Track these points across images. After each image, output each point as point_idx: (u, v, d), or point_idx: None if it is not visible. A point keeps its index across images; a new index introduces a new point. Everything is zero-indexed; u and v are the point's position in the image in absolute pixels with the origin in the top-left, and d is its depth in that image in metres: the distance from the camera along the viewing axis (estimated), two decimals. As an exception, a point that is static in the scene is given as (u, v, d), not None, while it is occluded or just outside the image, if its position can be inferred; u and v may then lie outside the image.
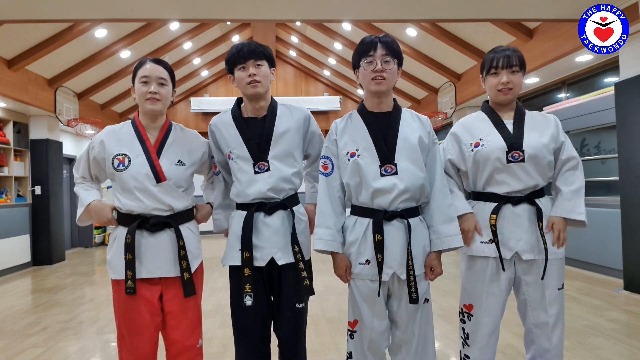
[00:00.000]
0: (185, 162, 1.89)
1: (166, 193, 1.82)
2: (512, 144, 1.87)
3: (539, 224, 1.86)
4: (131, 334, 1.80)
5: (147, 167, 1.81)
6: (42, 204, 7.22)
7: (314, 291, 1.84)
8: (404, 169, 1.74)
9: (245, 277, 1.81)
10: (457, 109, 8.01)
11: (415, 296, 1.73)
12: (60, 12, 4.25)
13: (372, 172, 1.74)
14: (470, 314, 1.96)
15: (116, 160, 1.83)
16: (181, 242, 1.82)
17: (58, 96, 7.00)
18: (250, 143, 1.86)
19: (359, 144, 1.78)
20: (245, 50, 1.84)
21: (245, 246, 1.81)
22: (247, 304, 1.79)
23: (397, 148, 1.76)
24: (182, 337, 1.85)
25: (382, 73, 1.73)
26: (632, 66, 4.47)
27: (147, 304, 1.80)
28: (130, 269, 1.77)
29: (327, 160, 1.84)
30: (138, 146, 1.84)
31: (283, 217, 1.87)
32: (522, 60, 1.91)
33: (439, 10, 4.48)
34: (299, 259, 1.83)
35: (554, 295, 1.88)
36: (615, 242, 4.77)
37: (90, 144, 1.92)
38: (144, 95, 1.83)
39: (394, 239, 1.73)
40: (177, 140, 1.92)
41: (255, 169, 1.85)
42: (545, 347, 1.89)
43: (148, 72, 1.84)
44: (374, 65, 1.74)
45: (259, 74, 1.84)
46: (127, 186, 1.80)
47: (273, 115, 1.91)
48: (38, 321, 3.98)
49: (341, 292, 4.69)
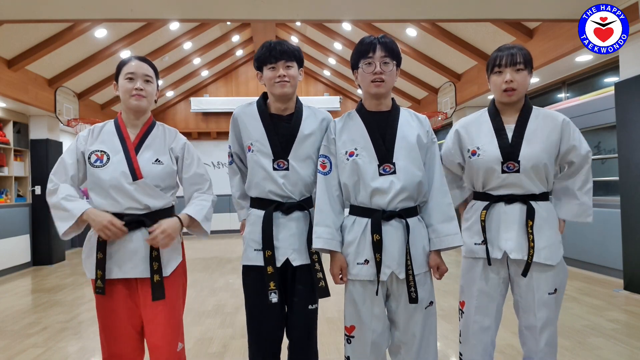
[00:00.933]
0: (163, 161, 1.85)
1: (142, 192, 1.77)
2: (507, 154, 1.84)
3: (529, 222, 1.84)
4: (108, 333, 1.79)
5: (125, 165, 1.78)
6: (42, 204, 7.20)
7: (330, 292, 1.83)
8: (402, 168, 1.74)
9: (269, 274, 1.80)
10: (457, 109, 8.01)
11: (414, 296, 1.72)
12: (60, 12, 4.25)
13: (370, 172, 1.74)
14: (462, 311, 1.98)
15: (94, 155, 1.80)
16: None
17: (58, 96, 7.00)
18: (274, 140, 1.85)
19: (357, 143, 1.78)
20: (277, 50, 1.83)
21: (266, 245, 1.81)
22: (273, 301, 1.78)
23: (396, 147, 1.75)
24: (161, 342, 1.78)
25: (382, 75, 1.73)
26: (632, 66, 4.47)
27: (124, 305, 1.77)
28: (100, 268, 1.73)
29: (326, 160, 1.83)
30: (118, 143, 1.82)
31: (299, 218, 1.87)
32: (528, 58, 1.86)
33: (439, 10, 4.48)
34: (315, 260, 1.83)
35: (543, 299, 1.84)
36: (615, 242, 4.77)
37: (72, 142, 1.87)
38: (129, 91, 1.81)
39: (393, 238, 1.72)
40: (157, 138, 1.89)
41: (274, 166, 1.85)
42: (533, 349, 1.89)
43: (134, 69, 1.82)
44: (373, 67, 1.74)
45: (288, 75, 1.84)
46: (102, 184, 1.77)
47: (299, 116, 1.90)
48: (38, 321, 3.98)
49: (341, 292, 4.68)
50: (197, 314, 4.04)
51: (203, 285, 5.19)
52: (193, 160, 1.94)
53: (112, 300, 1.78)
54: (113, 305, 1.77)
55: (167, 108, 11.64)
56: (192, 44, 8.59)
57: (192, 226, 1.88)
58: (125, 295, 1.78)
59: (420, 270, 1.77)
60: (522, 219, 1.85)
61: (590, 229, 5.25)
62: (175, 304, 1.85)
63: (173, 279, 1.83)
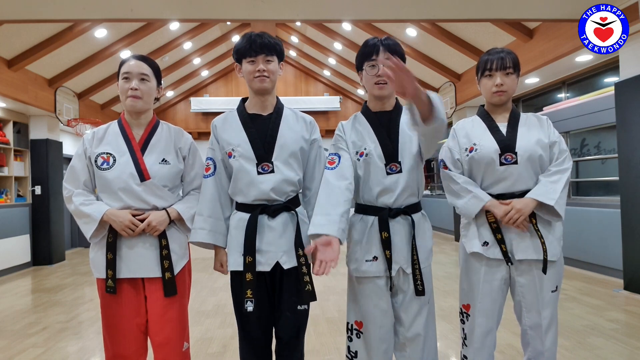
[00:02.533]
0: (169, 161, 1.85)
1: (150, 192, 1.79)
2: (505, 146, 1.88)
3: (532, 220, 1.85)
4: (112, 332, 1.79)
5: (132, 166, 1.77)
6: (42, 204, 7.22)
7: (316, 297, 1.80)
8: (407, 167, 1.78)
9: (248, 282, 1.75)
10: (457, 109, 8.01)
11: (421, 288, 1.78)
12: (60, 12, 4.25)
13: (378, 171, 1.78)
14: (468, 314, 1.97)
15: (100, 158, 1.79)
16: (164, 241, 1.79)
17: (58, 96, 7.00)
18: (256, 142, 1.81)
19: (366, 144, 1.81)
20: (257, 43, 1.77)
21: (248, 250, 1.76)
22: (249, 309, 1.74)
23: (400, 147, 1.80)
24: (166, 341, 1.80)
25: (385, 77, 1.74)
26: (632, 66, 4.46)
27: (130, 304, 1.79)
28: (110, 268, 1.75)
29: (335, 156, 1.82)
30: (123, 144, 1.81)
31: (287, 219, 1.83)
32: (516, 62, 1.93)
33: (439, 10, 4.48)
34: (302, 263, 1.78)
35: (547, 297, 1.87)
36: (615, 242, 4.77)
37: (79, 146, 1.86)
38: (125, 91, 1.79)
39: (400, 235, 1.78)
40: (162, 138, 1.87)
41: (259, 170, 1.80)
42: (539, 349, 1.90)
43: (130, 68, 1.80)
44: (377, 70, 1.76)
45: (268, 70, 1.80)
46: (110, 186, 1.77)
47: (279, 115, 1.88)
48: (38, 321, 3.98)
49: (341, 292, 4.69)
50: (197, 314, 4.04)
51: (203, 285, 5.19)
52: (196, 161, 1.96)
53: (119, 299, 1.79)
54: (119, 305, 1.79)
55: (167, 108, 11.65)
56: (192, 44, 8.59)
57: (178, 221, 1.88)
58: (132, 294, 1.80)
59: (426, 264, 1.83)
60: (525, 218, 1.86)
61: (590, 229, 5.25)
62: (181, 303, 1.88)
63: (181, 278, 1.86)
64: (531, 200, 1.83)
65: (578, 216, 5.32)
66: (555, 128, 1.99)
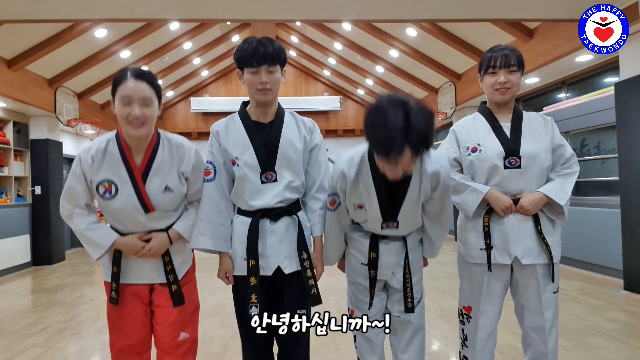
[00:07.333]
0: (172, 188, 1.76)
1: (154, 220, 1.77)
2: (509, 150, 1.86)
3: (537, 227, 1.86)
4: (119, 329, 1.81)
5: (135, 199, 1.71)
6: (42, 204, 7.22)
7: (322, 300, 1.79)
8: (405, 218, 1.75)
9: (252, 286, 1.74)
10: (457, 109, 8.01)
11: (410, 305, 1.79)
12: (60, 12, 4.25)
13: (377, 223, 1.76)
14: (469, 316, 1.97)
15: (101, 187, 1.72)
16: (167, 258, 1.80)
17: (58, 96, 7.00)
18: (261, 152, 1.77)
19: (367, 197, 1.74)
20: (260, 52, 1.69)
21: (251, 254, 1.74)
22: (253, 314, 1.73)
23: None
24: (170, 331, 1.82)
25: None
26: (632, 66, 4.47)
27: (137, 305, 1.81)
28: (115, 280, 1.77)
29: (336, 197, 1.79)
30: (124, 172, 1.72)
31: (289, 223, 1.81)
32: (521, 60, 1.89)
33: (439, 10, 4.48)
34: (307, 267, 1.76)
35: (550, 299, 1.88)
36: (615, 242, 4.77)
37: (76, 167, 1.75)
38: (126, 117, 1.64)
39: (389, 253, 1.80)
40: (164, 161, 1.77)
41: (262, 179, 1.78)
42: (541, 351, 1.90)
43: (129, 92, 1.63)
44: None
45: (271, 81, 1.73)
46: (114, 214, 1.75)
47: (280, 122, 1.83)
48: (38, 321, 3.98)
49: (341, 292, 4.69)
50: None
51: (203, 285, 5.18)
52: (198, 178, 1.85)
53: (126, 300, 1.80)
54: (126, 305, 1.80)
55: (167, 108, 11.64)
56: (192, 44, 8.59)
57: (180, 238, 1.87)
58: (138, 296, 1.81)
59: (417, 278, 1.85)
60: (529, 223, 1.86)
61: (590, 229, 5.25)
62: (190, 295, 1.92)
63: (186, 278, 1.90)
64: (543, 197, 1.83)
65: (578, 216, 5.32)
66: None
